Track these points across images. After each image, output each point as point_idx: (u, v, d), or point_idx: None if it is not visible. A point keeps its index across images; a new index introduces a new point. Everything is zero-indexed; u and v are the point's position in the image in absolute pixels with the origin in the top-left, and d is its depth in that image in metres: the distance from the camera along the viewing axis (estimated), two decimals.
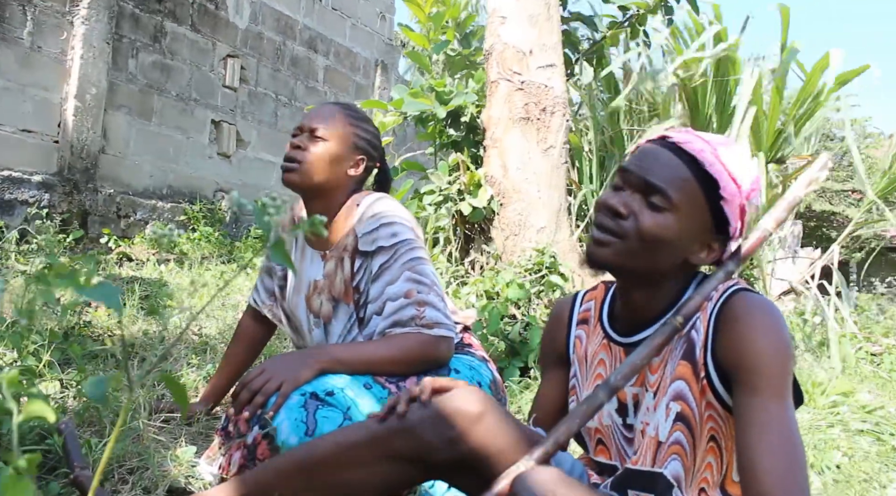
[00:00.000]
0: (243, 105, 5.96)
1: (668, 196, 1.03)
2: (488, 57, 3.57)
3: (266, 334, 1.90)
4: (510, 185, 3.36)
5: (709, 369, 1.01)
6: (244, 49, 5.94)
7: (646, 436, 1.07)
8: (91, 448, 1.40)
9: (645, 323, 1.12)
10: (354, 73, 7.23)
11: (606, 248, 1.06)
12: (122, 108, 4.98)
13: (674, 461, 1.03)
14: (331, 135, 1.60)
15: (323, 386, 1.42)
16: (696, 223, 1.05)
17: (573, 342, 1.25)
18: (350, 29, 7.15)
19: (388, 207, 1.59)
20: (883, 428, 2.43)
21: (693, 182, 1.05)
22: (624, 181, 1.09)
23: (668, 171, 1.05)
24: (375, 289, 1.53)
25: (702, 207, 1.05)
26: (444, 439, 1.09)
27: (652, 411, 1.07)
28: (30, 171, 4.41)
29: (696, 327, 1.05)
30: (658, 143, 1.09)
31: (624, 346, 1.15)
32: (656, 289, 1.10)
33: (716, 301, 1.04)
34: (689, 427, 1.02)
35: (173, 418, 1.76)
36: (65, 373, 1.88)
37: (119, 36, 4.92)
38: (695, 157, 1.05)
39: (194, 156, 5.55)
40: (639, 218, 1.04)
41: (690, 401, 1.02)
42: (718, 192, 1.05)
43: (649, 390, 1.08)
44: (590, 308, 1.25)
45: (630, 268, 1.06)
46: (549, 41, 3.52)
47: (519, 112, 3.39)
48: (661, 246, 1.04)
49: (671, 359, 1.07)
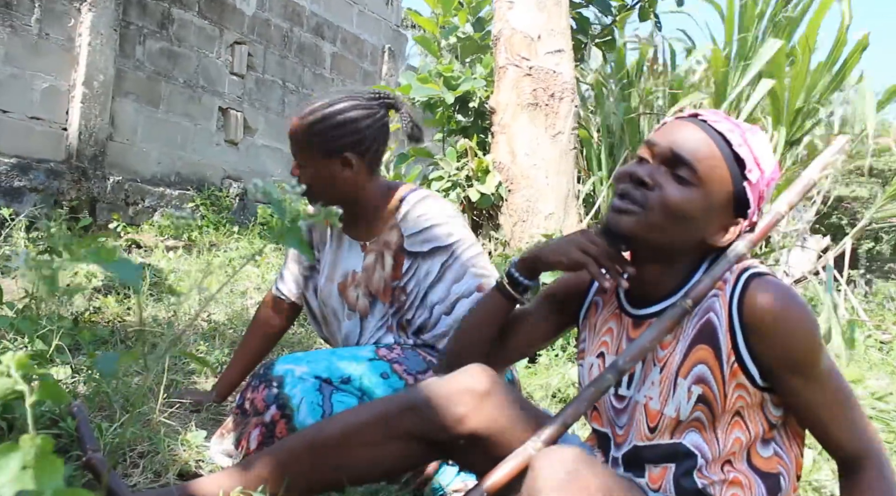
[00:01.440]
0: (250, 92, 5.95)
1: (695, 170, 1.03)
2: (496, 42, 3.55)
3: (284, 326, 1.88)
4: (518, 171, 3.35)
5: (741, 357, 1.01)
6: (251, 36, 5.92)
7: (662, 415, 1.07)
8: (102, 432, 1.40)
9: (654, 298, 1.12)
10: (362, 60, 7.20)
11: (628, 217, 1.05)
12: (130, 96, 4.98)
13: (692, 432, 1.05)
14: (303, 159, 1.55)
15: (339, 372, 1.42)
16: (718, 202, 1.05)
17: (588, 306, 1.25)
18: (357, 15, 7.11)
19: (436, 206, 1.57)
20: (892, 415, 2.42)
21: (721, 160, 1.04)
22: (650, 153, 1.08)
23: (696, 146, 1.04)
24: (440, 290, 1.53)
25: (726, 187, 1.05)
26: (451, 417, 1.09)
27: (657, 385, 1.08)
28: (38, 159, 4.42)
29: (715, 310, 1.05)
30: (687, 120, 1.09)
31: (633, 318, 1.15)
32: (668, 267, 1.10)
33: (733, 284, 1.04)
34: (709, 407, 1.04)
35: (183, 403, 1.77)
36: (75, 358, 1.89)
37: (126, 23, 4.92)
38: (724, 136, 1.05)
39: (202, 143, 5.55)
40: (664, 190, 1.04)
41: (712, 384, 1.03)
42: (744, 173, 1.05)
43: (656, 364, 1.09)
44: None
45: (648, 240, 1.06)
46: (557, 26, 3.49)
47: (527, 98, 3.37)
48: (683, 221, 1.04)
49: (683, 338, 1.07)
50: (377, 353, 1.48)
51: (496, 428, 1.09)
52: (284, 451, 1.17)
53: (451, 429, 1.10)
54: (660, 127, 1.13)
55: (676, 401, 1.05)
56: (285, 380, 1.39)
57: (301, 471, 1.14)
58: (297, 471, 1.14)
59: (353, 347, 1.52)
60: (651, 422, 1.08)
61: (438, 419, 1.10)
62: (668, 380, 1.07)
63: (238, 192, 5.82)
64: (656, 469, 1.08)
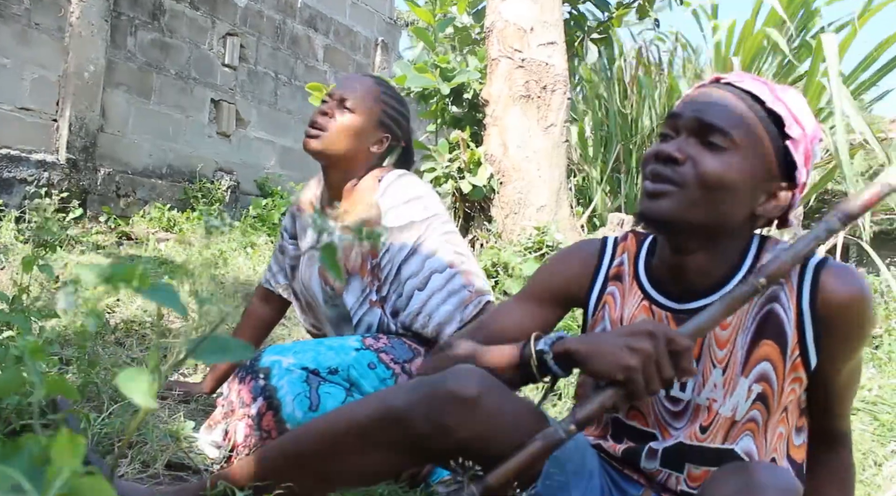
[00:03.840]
0: (243, 84, 5.92)
1: (727, 134, 0.94)
2: (489, 34, 3.54)
3: (275, 317, 1.89)
4: (510, 163, 3.35)
5: (806, 350, 0.97)
6: (244, 27, 5.89)
7: (717, 415, 1.00)
8: (90, 422, 1.40)
9: (700, 290, 1.02)
10: (355, 52, 7.17)
11: (664, 199, 0.95)
12: (121, 87, 4.95)
13: (746, 437, 1.00)
14: (359, 107, 1.58)
15: (326, 363, 1.42)
16: (761, 165, 0.96)
17: (602, 298, 1.13)
18: (350, 7, 7.08)
19: (413, 182, 1.58)
20: (880, 407, 2.44)
21: (754, 119, 0.96)
22: (674, 127, 0.99)
23: (725, 109, 0.95)
24: (413, 264, 1.51)
25: (766, 147, 0.96)
26: (437, 428, 0.96)
27: (721, 389, 1.00)
28: (28, 150, 4.39)
29: (781, 302, 0.99)
30: (710, 85, 1.01)
31: (674, 313, 1.04)
32: (715, 253, 1.00)
33: (799, 275, 0.98)
34: (766, 406, 0.99)
35: (172, 394, 1.77)
36: (64, 349, 1.88)
37: (117, 13, 4.88)
38: (753, 94, 0.97)
39: (194, 135, 5.53)
40: (698, 161, 0.94)
41: (773, 382, 0.98)
42: (783, 130, 0.97)
43: (717, 366, 1.00)
44: (623, 262, 1.13)
45: (692, 222, 0.95)
46: (550, 18, 3.48)
47: (519, 90, 3.37)
48: (725, 191, 0.94)
49: (742, 332, 1.00)
50: (364, 343, 1.47)
51: (488, 436, 0.96)
52: (269, 460, 1.07)
53: (438, 440, 0.97)
54: (682, 98, 1.03)
55: (735, 401, 0.99)
56: (272, 372, 1.39)
57: (288, 480, 1.05)
58: (284, 480, 1.05)
59: (340, 337, 1.52)
60: (704, 421, 1.01)
61: (423, 430, 0.96)
62: (732, 382, 1.00)
63: (230, 185, 5.80)
64: (697, 470, 1.01)
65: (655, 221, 0.97)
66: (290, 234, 1.82)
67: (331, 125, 1.57)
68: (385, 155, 1.67)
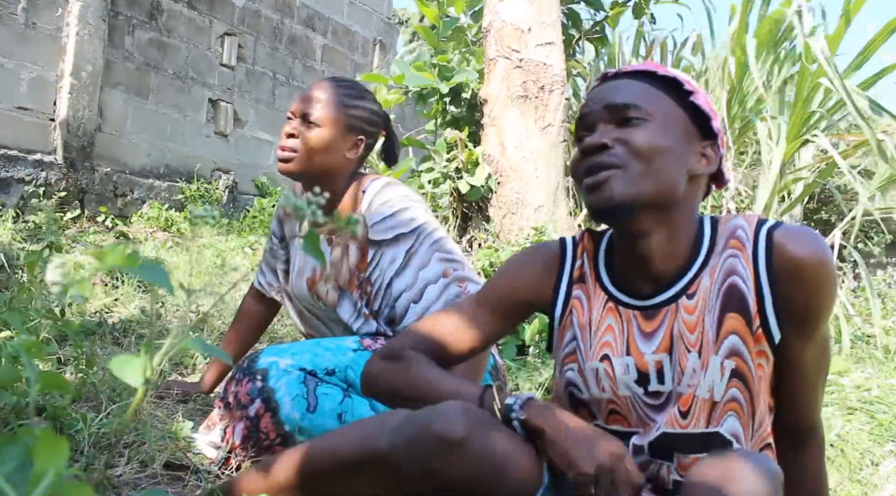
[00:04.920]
0: (241, 84, 5.92)
1: (639, 106, 0.98)
2: (486, 34, 3.54)
3: (269, 315, 1.89)
4: (508, 163, 3.35)
5: (767, 319, 0.96)
6: (241, 27, 5.89)
7: (694, 398, 0.98)
8: (87, 423, 1.40)
9: (665, 280, 1.02)
10: (353, 52, 7.17)
11: (611, 183, 0.95)
12: (119, 86, 4.94)
13: (730, 418, 0.98)
14: (324, 119, 1.53)
15: (324, 364, 1.42)
16: (680, 127, 0.99)
17: (568, 303, 1.11)
18: (348, 7, 7.08)
19: (398, 193, 1.55)
20: (877, 406, 2.44)
21: (653, 89, 1.00)
22: (587, 126, 1.02)
23: (627, 89, 1.00)
24: (406, 277, 1.49)
25: (675, 109, 1.00)
26: (423, 471, 0.92)
27: (700, 372, 0.98)
28: (26, 150, 4.39)
29: (738, 272, 0.98)
30: (601, 83, 1.06)
31: (642, 310, 1.03)
32: (672, 227, 1.00)
33: (753, 241, 0.98)
34: (745, 382, 0.97)
35: (170, 394, 1.77)
36: (62, 349, 1.88)
37: (115, 13, 4.88)
38: (641, 71, 1.03)
39: (191, 135, 5.52)
40: (625, 139, 0.97)
41: (745, 355, 0.97)
42: (683, 89, 1.01)
43: (692, 351, 0.99)
44: (584, 264, 1.11)
45: (643, 196, 0.95)
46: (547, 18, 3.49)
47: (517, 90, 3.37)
48: (661, 157, 0.96)
49: (709, 311, 0.99)
50: (362, 344, 1.47)
51: (477, 478, 0.92)
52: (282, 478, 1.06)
53: (425, 482, 0.93)
54: (581, 105, 1.07)
55: (709, 381, 0.97)
56: (269, 373, 1.39)
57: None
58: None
59: (338, 338, 1.52)
60: (682, 406, 0.99)
61: (408, 472, 0.93)
62: (707, 362, 0.98)
63: (228, 185, 5.79)
64: (686, 458, 0.99)
65: (610, 208, 0.96)
66: (278, 238, 1.82)
67: (301, 145, 1.53)
68: (365, 155, 1.64)
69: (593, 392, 1.06)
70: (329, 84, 1.58)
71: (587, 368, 1.06)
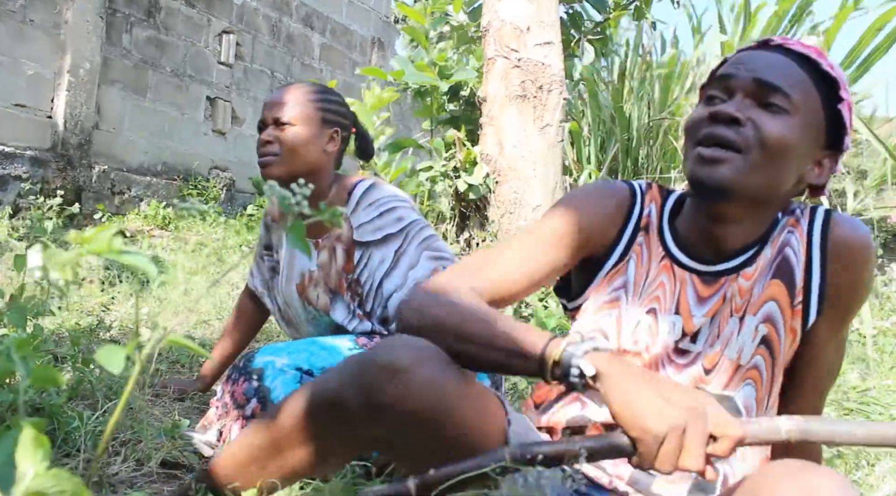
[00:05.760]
0: (238, 82, 5.91)
1: (788, 95, 0.90)
2: (485, 33, 3.54)
3: (265, 313, 1.89)
4: (506, 162, 3.35)
5: (810, 295, 0.96)
6: (240, 25, 5.88)
7: (721, 357, 0.96)
8: (83, 421, 1.40)
9: (728, 251, 1.00)
10: (351, 51, 7.16)
11: (725, 165, 0.89)
12: (117, 84, 4.93)
13: (748, 386, 0.96)
14: (296, 117, 1.54)
15: (320, 363, 1.42)
16: (814, 131, 0.93)
17: (630, 248, 1.05)
18: (347, 6, 7.07)
19: (385, 193, 1.55)
20: (873, 407, 2.45)
21: (809, 82, 0.92)
22: (727, 89, 0.94)
23: (783, 70, 0.91)
24: (396, 277, 1.49)
25: (818, 112, 0.93)
26: (370, 405, 0.84)
27: (735, 336, 0.97)
28: (23, 147, 4.38)
29: (792, 245, 0.98)
30: (759, 48, 0.97)
31: (699, 274, 1.00)
32: (756, 220, 0.98)
33: (809, 220, 0.98)
34: (771, 353, 0.96)
35: (166, 392, 1.77)
36: (58, 347, 1.87)
37: (113, 10, 4.87)
38: (807, 56, 0.94)
39: (189, 132, 5.51)
40: (759, 124, 0.89)
41: (779, 324, 0.96)
42: (838, 93, 0.94)
43: (734, 315, 0.97)
44: (651, 214, 1.07)
45: (751, 188, 0.91)
46: (547, 18, 3.48)
47: (515, 89, 3.37)
48: (785, 157, 0.90)
49: (762, 278, 0.98)
50: (357, 343, 1.47)
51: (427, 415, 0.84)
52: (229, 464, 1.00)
53: (373, 421, 0.85)
54: (728, 61, 0.98)
55: (741, 341, 0.95)
56: (265, 373, 1.38)
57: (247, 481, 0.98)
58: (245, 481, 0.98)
59: (334, 337, 1.52)
60: (708, 364, 0.97)
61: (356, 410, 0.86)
62: (744, 322, 0.97)
63: (225, 183, 5.79)
64: None
65: (715, 189, 0.90)
66: (265, 245, 1.83)
67: (280, 147, 1.53)
68: (343, 150, 1.65)
69: (624, 343, 1.01)
70: (293, 86, 1.59)
71: (627, 318, 1.01)
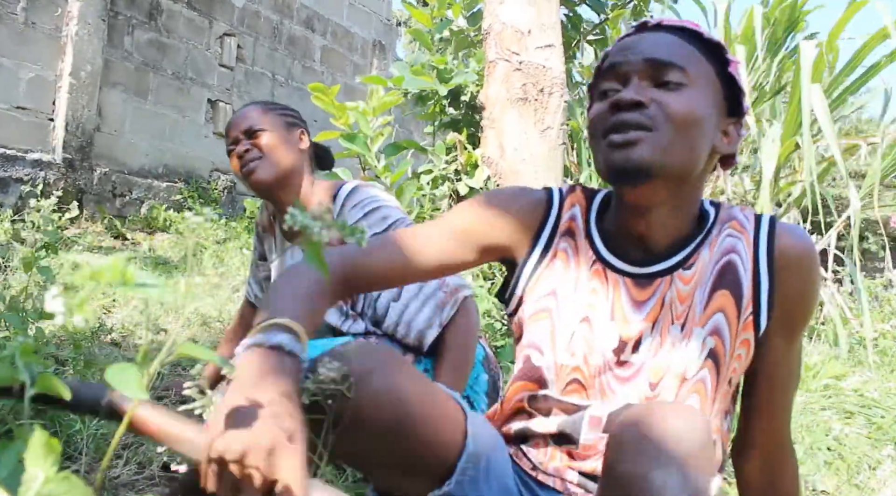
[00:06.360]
0: (240, 84, 5.92)
1: (682, 68, 0.90)
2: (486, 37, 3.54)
3: None
4: (507, 165, 3.35)
5: (759, 306, 0.93)
6: (241, 28, 5.89)
7: (668, 370, 0.93)
8: (85, 424, 1.40)
9: (659, 250, 0.97)
10: (352, 54, 7.17)
11: (639, 146, 0.88)
12: (118, 86, 4.94)
13: (691, 399, 0.93)
14: (264, 125, 1.62)
15: None
16: (713, 99, 0.93)
17: (548, 253, 1.02)
18: (348, 8, 7.08)
19: (369, 194, 1.58)
20: (874, 410, 2.45)
21: (697, 52, 0.92)
22: (620, 77, 0.93)
23: (669, 46, 0.92)
24: None
25: (713, 79, 0.93)
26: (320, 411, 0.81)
27: (679, 345, 0.93)
28: (24, 149, 4.38)
29: (738, 251, 0.95)
30: (641, 32, 0.96)
31: (632, 277, 0.97)
32: (679, 202, 0.95)
33: (755, 226, 0.96)
34: (717, 366, 0.93)
35: (168, 396, 1.77)
36: (60, 351, 1.88)
37: (115, 13, 4.87)
38: (685, 28, 0.94)
39: (190, 135, 5.52)
40: (663, 102, 0.89)
41: (726, 337, 0.93)
42: (725, 57, 0.94)
43: (675, 322, 0.94)
44: (575, 217, 1.04)
45: (671, 165, 0.89)
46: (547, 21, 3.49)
47: (517, 92, 3.37)
48: (696, 128, 0.89)
49: (702, 285, 0.95)
50: None
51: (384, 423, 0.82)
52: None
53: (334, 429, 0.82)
54: (611, 51, 0.98)
55: (688, 355, 0.92)
56: None
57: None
58: None
59: (332, 339, 1.53)
60: (653, 378, 0.93)
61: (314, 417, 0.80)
62: (689, 335, 0.93)
63: (226, 185, 5.79)
64: None
65: (635, 169, 0.88)
66: (259, 254, 1.86)
67: (261, 152, 1.60)
68: (312, 152, 1.71)
69: (560, 357, 0.97)
70: (248, 107, 1.67)
71: (561, 328, 0.98)
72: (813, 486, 1.84)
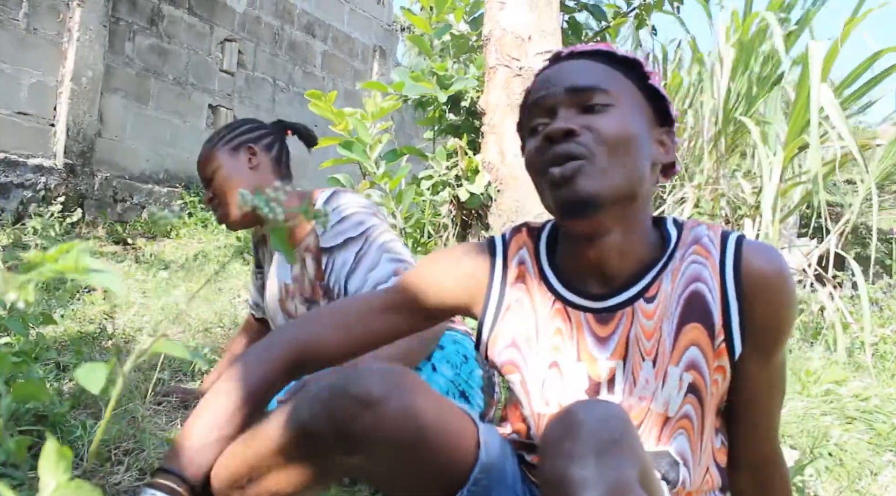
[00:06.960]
0: (240, 90, 5.93)
1: (605, 90, 0.90)
2: (486, 43, 3.55)
3: (269, 328, 1.92)
4: (508, 171, 3.35)
5: (731, 333, 0.90)
6: (242, 33, 5.90)
7: (648, 412, 0.91)
8: (86, 429, 1.40)
9: (618, 280, 0.94)
10: (353, 59, 7.19)
11: (581, 178, 0.86)
12: (119, 92, 4.95)
13: (679, 436, 0.92)
14: (213, 165, 1.63)
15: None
16: (641, 113, 0.93)
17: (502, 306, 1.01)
18: (348, 14, 7.10)
19: (345, 200, 1.60)
20: (875, 416, 2.45)
21: (615, 72, 0.92)
22: (547, 111, 0.92)
23: (587, 71, 0.92)
24: (357, 279, 1.52)
25: (637, 94, 0.93)
26: (340, 436, 0.83)
27: (654, 383, 0.91)
28: (26, 155, 4.39)
29: (704, 279, 0.92)
30: (556, 64, 0.96)
31: (593, 312, 0.94)
32: (632, 225, 0.93)
33: (721, 250, 0.92)
34: (699, 399, 0.92)
35: (169, 401, 1.77)
36: (61, 356, 1.88)
37: (116, 19, 4.89)
38: (598, 51, 0.94)
39: (191, 140, 5.53)
40: (593, 126, 0.88)
41: (703, 369, 0.91)
42: (642, 71, 0.94)
43: (646, 359, 0.91)
44: (524, 260, 1.01)
45: (613, 189, 0.87)
46: (548, 27, 3.50)
47: (517, 98, 3.38)
48: (630, 147, 0.88)
49: (668, 318, 0.92)
50: None
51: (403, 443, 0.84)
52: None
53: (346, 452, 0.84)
54: (532, 87, 0.97)
55: (666, 394, 0.90)
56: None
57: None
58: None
59: None
60: (635, 420, 0.91)
61: (329, 442, 0.84)
62: (662, 373, 0.91)
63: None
64: None
65: (581, 203, 0.86)
66: (255, 264, 1.90)
67: (224, 196, 1.62)
68: (277, 156, 1.71)
69: (536, 406, 0.97)
70: (206, 145, 1.68)
71: (531, 379, 0.97)
72: (814, 492, 1.84)
